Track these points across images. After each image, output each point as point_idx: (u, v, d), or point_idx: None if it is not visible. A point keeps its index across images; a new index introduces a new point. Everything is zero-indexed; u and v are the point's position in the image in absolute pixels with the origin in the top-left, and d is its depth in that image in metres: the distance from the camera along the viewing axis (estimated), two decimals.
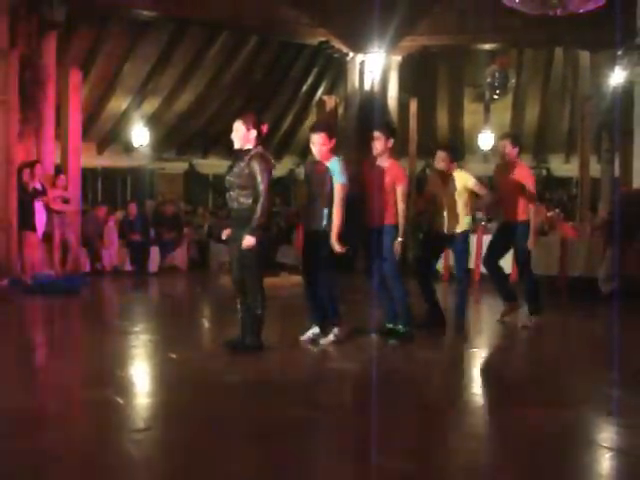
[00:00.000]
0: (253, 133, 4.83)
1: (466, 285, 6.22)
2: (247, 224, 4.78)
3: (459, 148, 6.22)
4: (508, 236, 6.26)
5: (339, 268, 5.46)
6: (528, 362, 5.18)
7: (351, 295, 7.21)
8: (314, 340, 5.30)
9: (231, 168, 4.93)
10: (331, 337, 5.25)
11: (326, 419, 3.60)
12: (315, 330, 5.33)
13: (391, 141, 5.54)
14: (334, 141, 5.28)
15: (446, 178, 5.95)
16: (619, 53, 10.93)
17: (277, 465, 2.86)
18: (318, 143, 5.17)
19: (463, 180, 5.95)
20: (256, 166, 4.76)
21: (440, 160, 5.99)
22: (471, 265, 10.44)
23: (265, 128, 4.98)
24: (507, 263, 8.22)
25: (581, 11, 7.99)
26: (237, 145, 4.89)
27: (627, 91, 11.00)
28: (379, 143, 5.51)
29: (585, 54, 13.42)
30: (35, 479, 2.70)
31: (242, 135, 4.83)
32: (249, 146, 4.85)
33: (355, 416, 3.66)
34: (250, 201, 4.79)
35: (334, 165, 5.12)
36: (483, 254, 6.83)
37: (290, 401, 3.82)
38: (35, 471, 2.75)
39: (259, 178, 4.76)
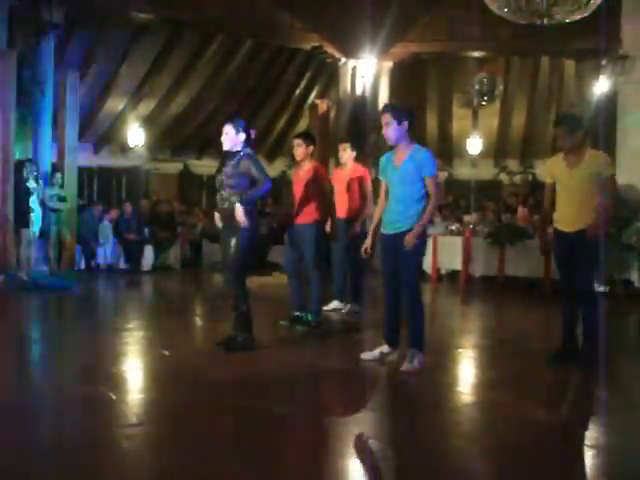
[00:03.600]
0: (242, 136, 5.01)
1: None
2: (238, 223, 4.88)
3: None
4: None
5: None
6: (514, 362, 5.08)
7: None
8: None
9: (220, 169, 5.05)
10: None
11: (314, 415, 3.64)
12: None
13: (311, 147, 6.19)
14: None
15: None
16: (603, 62, 11.16)
17: (266, 460, 2.91)
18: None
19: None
20: (247, 163, 4.91)
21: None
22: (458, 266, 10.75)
23: (253, 133, 5.15)
24: None
25: (567, 21, 8.16)
26: (226, 147, 5.05)
27: (611, 99, 11.26)
28: (300, 150, 6.13)
29: (570, 63, 13.62)
30: (28, 474, 2.71)
31: (231, 138, 5.00)
32: (238, 148, 5.01)
33: (339, 413, 3.71)
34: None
35: None
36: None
37: (279, 397, 3.87)
38: (28, 465, 2.78)
39: (253, 169, 4.90)
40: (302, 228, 6.09)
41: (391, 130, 4.53)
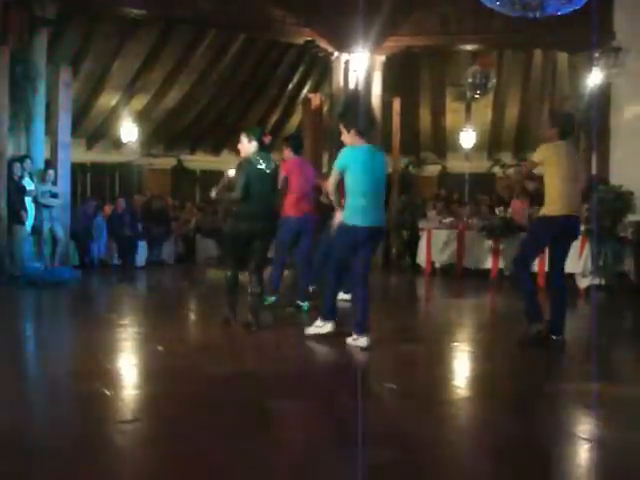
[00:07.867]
0: (254, 145, 5.50)
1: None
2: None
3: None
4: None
5: None
6: (510, 354, 5.10)
7: None
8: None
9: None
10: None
11: (308, 409, 3.64)
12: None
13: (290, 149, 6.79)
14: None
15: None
16: (596, 55, 11.18)
17: (261, 455, 2.90)
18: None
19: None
20: (237, 172, 5.55)
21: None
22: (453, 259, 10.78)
23: (267, 139, 5.62)
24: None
25: (559, 14, 8.17)
26: (242, 154, 5.56)
27: (604, 91, 11.28)
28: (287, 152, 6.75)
29: (563, 55, 13.61)
30: (22, 470, 2.69)
31: (244, 146, 5.52)
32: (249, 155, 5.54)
33: (335, 408, 3.70)
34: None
35: None
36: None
37: (274, 392, 3.87)
38: (22, 462, 2.77)
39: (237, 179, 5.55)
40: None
41: None
